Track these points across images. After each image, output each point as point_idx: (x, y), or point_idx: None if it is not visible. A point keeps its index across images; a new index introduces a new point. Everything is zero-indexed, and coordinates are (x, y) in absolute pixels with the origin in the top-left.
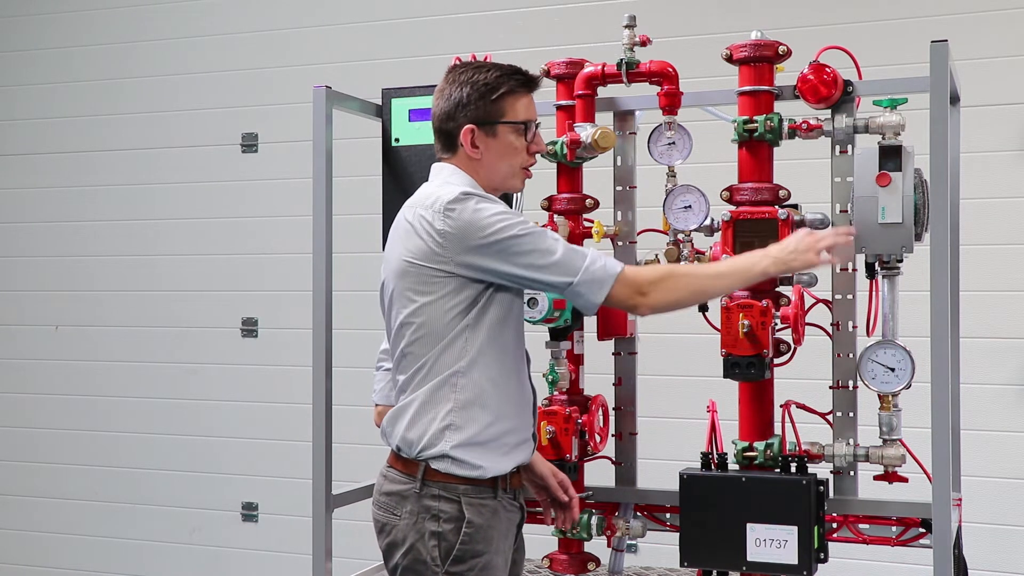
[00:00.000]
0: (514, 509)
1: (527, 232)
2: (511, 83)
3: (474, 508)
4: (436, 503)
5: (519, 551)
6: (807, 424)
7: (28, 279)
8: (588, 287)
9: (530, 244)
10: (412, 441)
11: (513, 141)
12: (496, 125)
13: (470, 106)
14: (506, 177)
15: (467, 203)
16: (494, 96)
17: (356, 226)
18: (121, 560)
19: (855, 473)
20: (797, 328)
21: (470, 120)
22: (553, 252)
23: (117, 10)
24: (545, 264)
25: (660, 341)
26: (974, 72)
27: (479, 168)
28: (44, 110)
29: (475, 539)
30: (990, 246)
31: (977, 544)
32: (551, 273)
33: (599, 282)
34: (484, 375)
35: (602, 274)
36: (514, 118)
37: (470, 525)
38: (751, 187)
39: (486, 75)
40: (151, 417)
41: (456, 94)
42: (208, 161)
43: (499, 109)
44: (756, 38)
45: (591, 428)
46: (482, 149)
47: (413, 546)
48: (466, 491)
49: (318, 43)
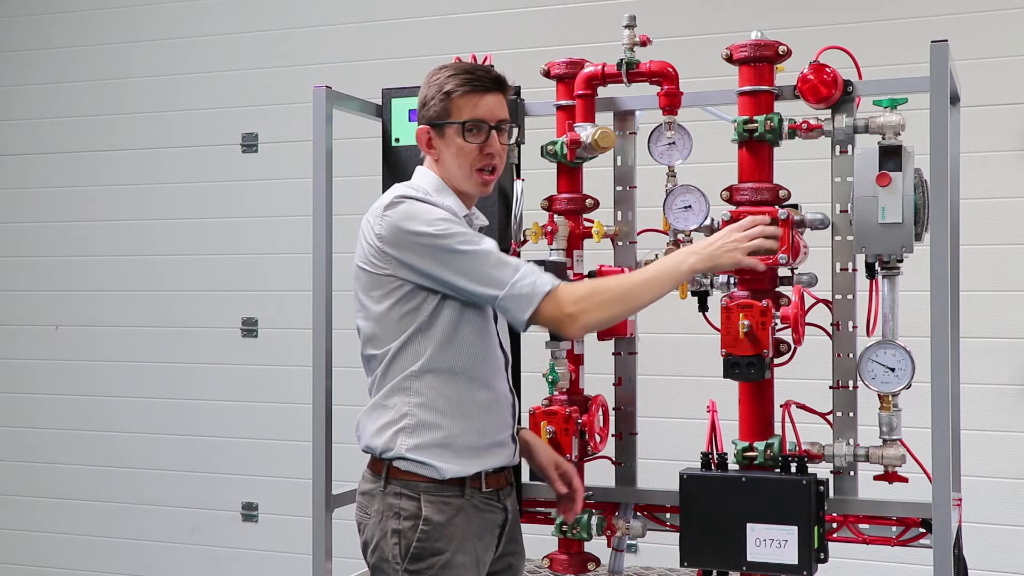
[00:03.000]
0: (492, 509)
1: (459, 238)
2: (459, 84)
3: (434, 506)
4: (398, 501)
5: (515, 554)
6: (807, 424)
7: (28, 279)
8: (514, 303)
9: (459, 251)
10: (374, 444)
11: (460, 142)
12: (444, 126)
13: (426, 107)
14: (461, 178)
15: (400, 206)
16: (444, 97)
17: (356, 226)
18: (121, 560)
19: (855, 473)
20: (797, 328)
21: (425, 121)
22: (482, 262)
23: (117, 10)
24: (472, 273)
25: (660, 341)
26: (974, 72)
27: (439, 169)
28: (44, 110)
29: (433, 537)
30: (990, 246)
31: (977, 544)
32: (478, 283)
33: (526, 299)
34: (439, 379)
35: (529, 291)
36: (458, 119)
37: (427, 523)
38: (751, 187)
39: (442, 76)
40: (151, 417)
41: (421, 95)
42: (208, 161)
43: (447, 110)
44: (756, 38)
45: (591, 428)
46: (438, 150)
47: (379, 544)
48: (427, 488)
49: (318, 43)
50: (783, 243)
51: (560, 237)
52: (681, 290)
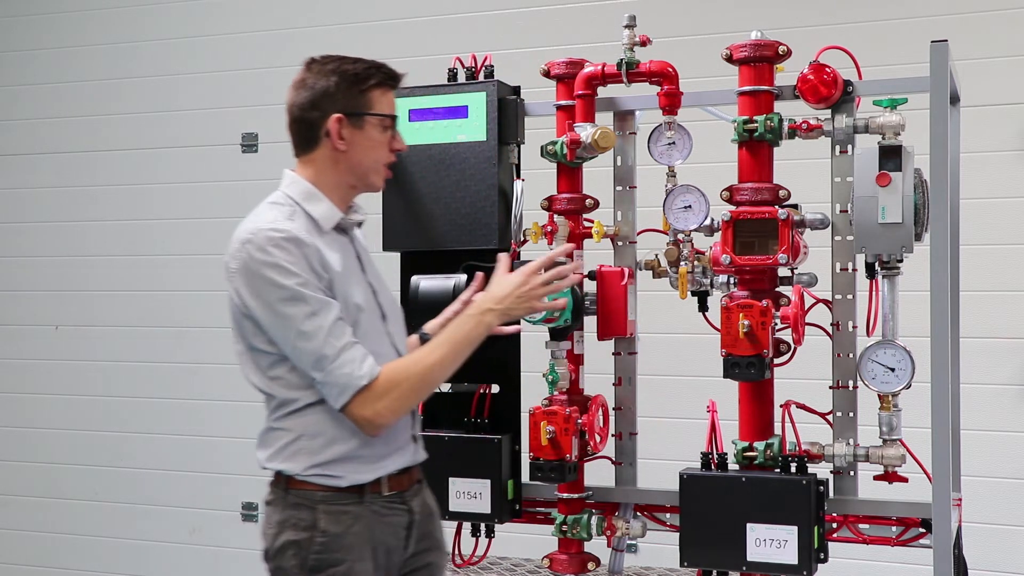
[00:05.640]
0: (395, 512)
1: (302, 301)
2: (380, 76)
3: (330, 516)
4: (296, 512)
5: (431, 551)
6: (807, 424)
7: (28, 279)
8: (329, 390)
9: (294, 313)
10: (272, 466)
11: (378, 136)
12: (363, 117)
13: (338, 95)
14: (368, 172)
15: (254, 242)
16: (363, 87)
17: None
18: (121, 560)
19: (855, 473)
20: (797, 328)
21: (339, 109)
22: (310, 335)
23: (117, 10)
24: (295, 342)
25: (660, 341)
26: (974, 72)
27: (341, 162)
28: (44, 110)
29: (330, 548)
30: (990, 246)
31: (977, 544)
32: (299, 355)
33: (340, 388)
34: (315, 397)
35: (344, 381)
36: (380, 111)
37: (324, 534)
38: (751, 187)
39: (354, 66)
40: (151, 417)
41: (321, 84)
42: (208, 161)
43: (367, 101)
44: (756, 38)
45: (591, 428)
46: (348, 141)
47: (276, 555)
48: (324, 498)
49: (318, 43)
50: (783, 243)
51: (560, 237)
52: (681, 290)
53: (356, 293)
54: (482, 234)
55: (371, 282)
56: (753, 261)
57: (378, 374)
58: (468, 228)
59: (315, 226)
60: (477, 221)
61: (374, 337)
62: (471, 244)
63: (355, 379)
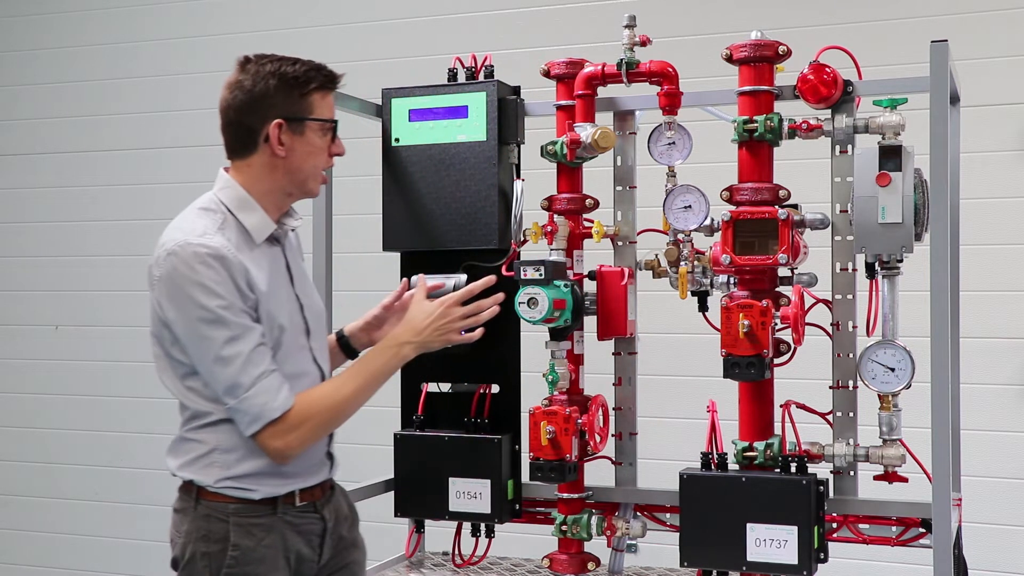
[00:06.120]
0: (308, 521)
1: (223, 325)
2: (320, 79)
3: (243, 529)
4: (207, 523)
5: (349, 550)
6: (807, 424)
7: (28, 279)
8: (241, 417)
9: (214, 336)
10: (185, 475)
11: (318, 141)
12: (304, 122)
13: (278, 99)
14: (307, 179)
15: (180, 255)
16: (304, 90)
17: (356, 226)
18: (121, 560)
19: (855, 473)
20: (797, 328)
21: (280, 115)
22: (228, 360)
23: (117, 10)
24: (212, 366)
25: (660, 341)
26: (974, 72)
27: (279, 168)
28: (44, 110)
29: (243, 561)
30: (990, 246)
31: (977, 544)
32: (214, 378)
33: (252, 417)
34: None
35: (257, 411)
36: (321, 116)
37: (236, 548)
38: (751, 187)
39: (293, 68)
40: (151, 417)
41: (260, 86)
42: (208, 161)
43: (308, 105)
44: (756, 38)
45: (591, 428)
46: (287, 147)
47: (187, 565)
48: (237, 510)
49: (318, 43)
50: (783, 243)
51: (560, 237)
52: (681, 290)
53: (281, 312)
54: (482, 234)
55: (298, 295)
56: (753, 261)
57: (291, 406)
58: (468, 228)
59: (246, 238)
60: (477, 221)
61: (295, 355)
62: (471, 244)
63: (268, 411)
